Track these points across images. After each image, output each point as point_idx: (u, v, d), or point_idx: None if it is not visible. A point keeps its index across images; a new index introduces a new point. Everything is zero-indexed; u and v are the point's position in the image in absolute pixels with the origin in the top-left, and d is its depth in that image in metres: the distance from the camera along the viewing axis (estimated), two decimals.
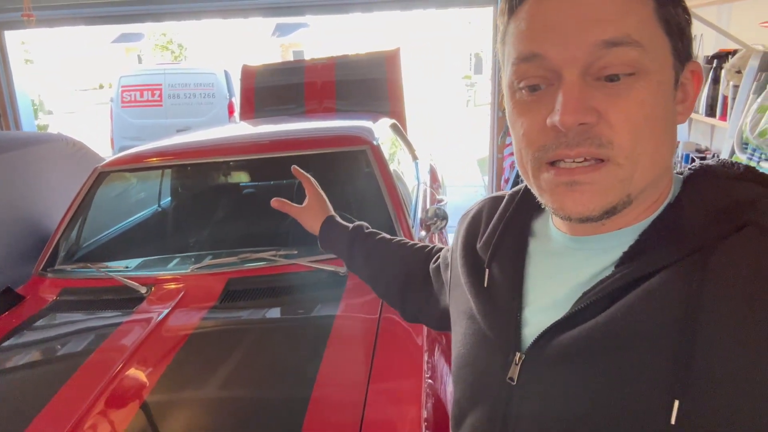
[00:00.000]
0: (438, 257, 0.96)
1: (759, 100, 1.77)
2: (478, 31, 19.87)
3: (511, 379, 0.61)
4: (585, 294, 0.58)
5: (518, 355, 0.62)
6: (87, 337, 1.63)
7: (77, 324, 1.74)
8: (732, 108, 2.39)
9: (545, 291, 0.64)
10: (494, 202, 0.78)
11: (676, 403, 0.49)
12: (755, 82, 2.13)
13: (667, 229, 0.56)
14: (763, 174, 0.58)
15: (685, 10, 0.57)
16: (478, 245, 0.75)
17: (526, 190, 0.71)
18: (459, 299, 0.76)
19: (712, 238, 0.53)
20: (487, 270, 0.70)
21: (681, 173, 0.63)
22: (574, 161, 0.54)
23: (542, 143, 0.56)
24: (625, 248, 0.57)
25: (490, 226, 0.74)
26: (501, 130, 5.26)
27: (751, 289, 0.49)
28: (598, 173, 0.54)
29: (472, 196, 6.84)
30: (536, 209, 0.71)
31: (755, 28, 2.43)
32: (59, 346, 1.62)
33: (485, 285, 0.70)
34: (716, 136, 3.06)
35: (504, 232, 0.71)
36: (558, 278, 0.63)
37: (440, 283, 0.92)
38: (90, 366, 1.45)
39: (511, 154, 5.28)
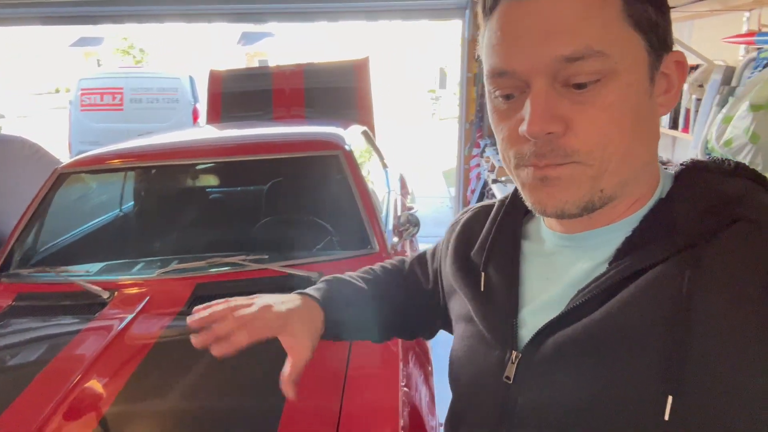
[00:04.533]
0: (412, 267, 0.93)
1: (724, 110, 1.83)
2: (443, 46, 20.13)
3: (508, 378, 0.62)
4: (580, 292, 0.58)
5: (514, 353, 0.62)
6: (43, 345, 1.55)
7: (33, 331, 1.65)
8: (695, 120, 2.46)
9: (541, 291, 0.64)
10: (484, 210, 0.79)
11: (670, 399, 0.49)
12: (718, 95, 2.20)
13: (660, 224, 0.57)
14: (754, 170, 0.59)
15: (657, 2, 0.56)
16: (473, 252, 0.75)
17: (515, 195, 0.72)
18: (456, 306, 0.76)
19: (704, 234, 0.53)
20: (483, 274, 0.71)
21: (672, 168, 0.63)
22: None
23: (519, 152, 0.57)
24: (617, 244, 0.58)
25: (483, 231, 0.75)
26: (468, 141, 5.33)
27: (742, 284, 0.50)
28: (564, 168, 0.55)
29: (438, 207, 6.90)
30: (527, 212, 0.72)
31: (716, 44, 2.52)
32: (13, 355, 1.53)
33: (482, 289, 0.70)
34: (678, 148, 3.15)
35: (497, 236, 0.72)
36: (552, 277, 0.64)
37: (428, 279, 0.89)
38: (46, 376, 1.37)
39: (478, 165, 5.32)
